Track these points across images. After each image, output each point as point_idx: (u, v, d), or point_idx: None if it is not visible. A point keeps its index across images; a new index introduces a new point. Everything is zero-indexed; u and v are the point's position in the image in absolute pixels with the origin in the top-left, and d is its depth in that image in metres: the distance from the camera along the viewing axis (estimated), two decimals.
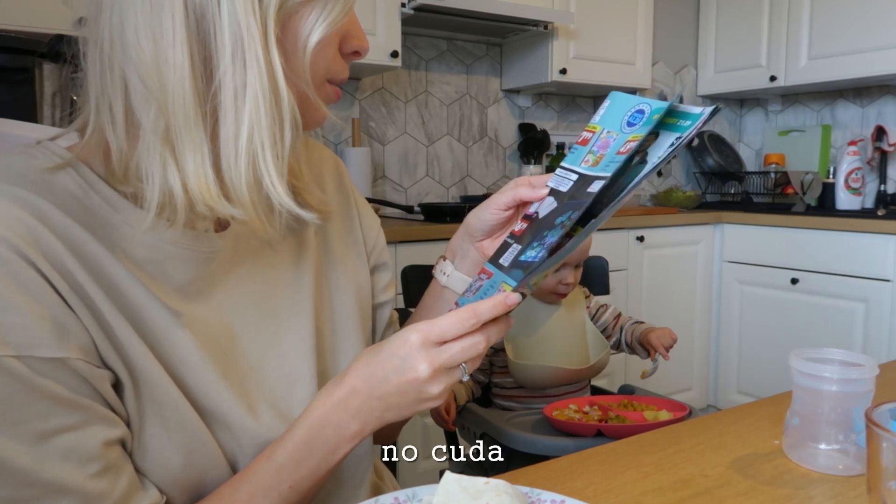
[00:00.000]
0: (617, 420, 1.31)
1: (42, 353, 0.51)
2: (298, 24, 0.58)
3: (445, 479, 0.57)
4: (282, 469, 0.62)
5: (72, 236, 0.56)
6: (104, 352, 0.56)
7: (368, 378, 0.61)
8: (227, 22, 0.54)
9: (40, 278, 0.52)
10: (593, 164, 0.64)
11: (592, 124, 0.66)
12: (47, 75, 1.60)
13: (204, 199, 0.56)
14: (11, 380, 0.50)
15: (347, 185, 0.84)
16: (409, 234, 2.15)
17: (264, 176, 0.57)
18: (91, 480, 0.55)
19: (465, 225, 0.77)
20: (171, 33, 0.53)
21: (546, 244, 0.62)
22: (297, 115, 0.58)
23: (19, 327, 0.51)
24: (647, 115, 0.62)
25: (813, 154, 3.16)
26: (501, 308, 0.60)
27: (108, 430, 0.56)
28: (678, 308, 2.91)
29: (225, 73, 0.54)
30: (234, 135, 0.55)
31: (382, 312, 0.85)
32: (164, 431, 0.59)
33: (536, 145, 3.02)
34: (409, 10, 2.40)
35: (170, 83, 0.53)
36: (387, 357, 0.60)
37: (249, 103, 0.55)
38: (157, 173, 0.55)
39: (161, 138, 0.54)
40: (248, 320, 0.68)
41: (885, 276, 2.42)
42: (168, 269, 0.62)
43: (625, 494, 0.66)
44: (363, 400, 0.61)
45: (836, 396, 0.70)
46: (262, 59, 0.55)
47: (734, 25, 3.21)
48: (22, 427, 0.51)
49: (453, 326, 0.58)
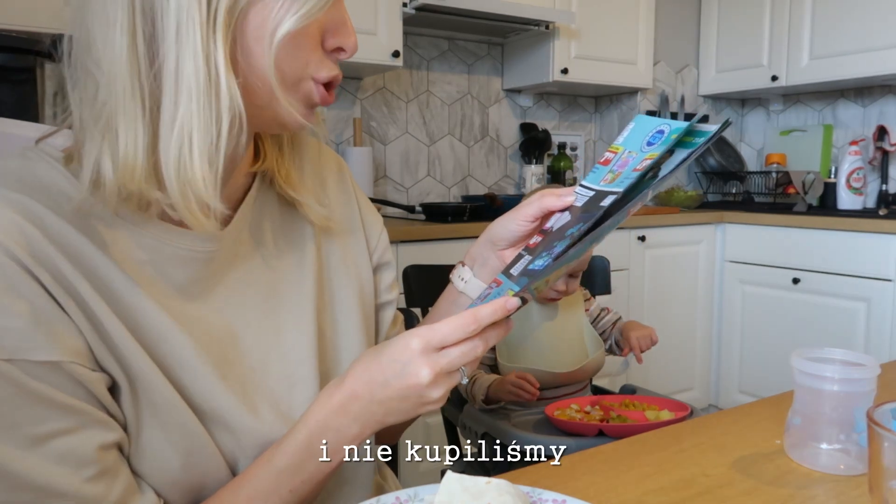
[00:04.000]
0: (618, 420, 1.31)
1: (36, 356, 0.51)
2: (264, 14, 0.56)
3: (447, 479, 0.57)
4: (282, 473, 0.61)
5: (67, 239, 0.55)
6: (100, 355, 0.56)
7: (368, 382, 0.60)
8: (173, 4, 0.53)
9: (33, 281, 0.52)
10: (610, 182, 0.65)
11: (615, 145, 0.67)
12: (48, 75, 1.61)
13: (126, 179, 0.55)
14: (5, 383, 0.50)
15: (350, 183, 0.83)
16: (410, 233, 2.15)
17: (189, 166, 0.55)
18: (86, 484, 0.54)
19: (488, 233, 0.76)
20: (114, 12, 0.53)
21: (553, 253, 0.62)
22: (237, 106, 0.57)
23: (12, 330, 0.50)
24: (666, 134, 0.63)
25: (814, 154, 3.15)
26: (501, 312, 0.59)
27: (104, 433, 0.56)
28: (680, 308, 2.91)
29: (167, 55, 0.54)
30: (171, 119, 0.55)
31: (386, 312, 0.85)
32: (163, 434, 0.59)
33: (538, 145, 3.02)
34: (411, 9, 2.40)
35: (109, 61, 0.53)
36: (387, 362, 0.59)
37: (184, 90, 0.54)
38: (94, 151, 0.55)
39: (103, 117, 0.54)
40: (250, 321, 0.67)
41: (887, 276, 2.42)
42: (168, 270, 0.62)
43: (626, 494, 0.66)
44: (363, 404, 0.61)
45: (837, 396, 0.70)
46: (199, 46, 0.54)
47: (736, 25, 3.20)
48: (16, 431, 0.51)
49: (454, 332, 0.58)
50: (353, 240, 0.80)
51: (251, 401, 0.65)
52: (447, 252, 2.23)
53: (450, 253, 2.23)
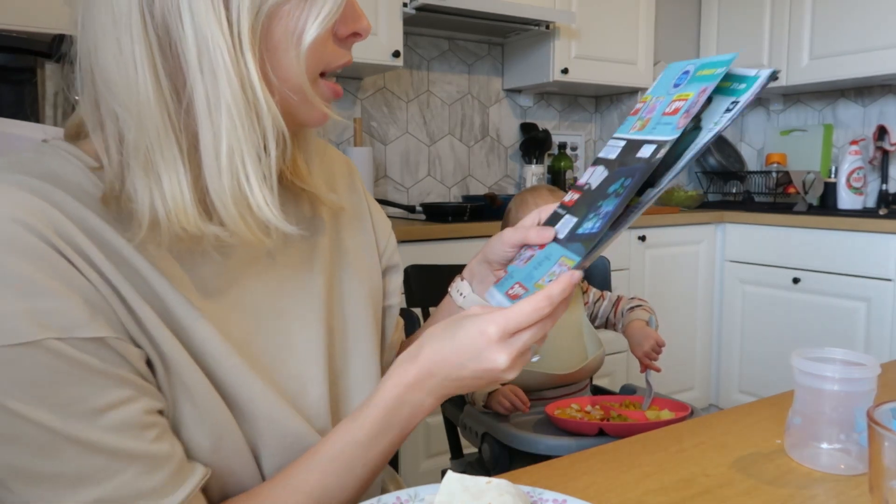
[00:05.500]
0: (619, 419, 1.31)
1: (82, 333, 0.52)
2: (287, 25, 0.56)
3: (447, 479, 0.57)
4: (359, 445, 0.63)
5: (89, 224, 0.55)
6: (134, 334, 0.56)
7: (443, 363, 0.62)
8: (190, 33, 0.52)
9: (67, 263, 0.52)
10: (640, 129, 0.63)
11: (645, 95, 0.66)
12: (49, 75, 1.61)
13: (180, 222, 0.55)
14: (58, 361, 0.51)
15: (359, 186, 0.83)
16: (410, 233, 2.15)
17: (248, 192, 0.56)
18: (154, 444, 0.55)
19: (484, 252, 0.78)
20: (130, 52, 0.52)
21: (602, 214, 0.61)
22: (280, 124, 0.57)
23: (57, 310, 0.51)
24: (692, 73, 0.61)
25: (815, 153, 3.15)
26: (570, 289, 0.61)
27: (154, 402, 0.57)
28: (680, 308, 2.91)
29: (194, 86, 0.53)
30: (215, 151, 0.54)
31: (391, 315, 0.85)
32: (195, 413, 0.60)
33: (538, 145, 3.02)
34: (411, 9, 2.40)
35: (136, 102, 0.53)
36: (463, 347, 0.61)
37: (224, 116, 0.54)
38: (145, 195, 0.55)
39: (142, 160, 0.54)
40: (262, 319, 0.67)
41: (887, 276, 2.42)
42: (187, 264, 0.62)
43: (627, 494, 0.66)
44: (438, 381, 0.62)
45: (837, 396, 0.70)
46: (231, 70, 0.53)
47: (736, 25, 3.20)
48: (79, 405, 0.52)
49: (529, 316, 0.59)
50: (363, 241, 0.80)
51: (270, 395, 0.65)
52: (447, 252, 2.23)
53: (450, 253, 2.23)
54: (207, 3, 0.52)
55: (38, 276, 0.50)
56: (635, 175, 0.60)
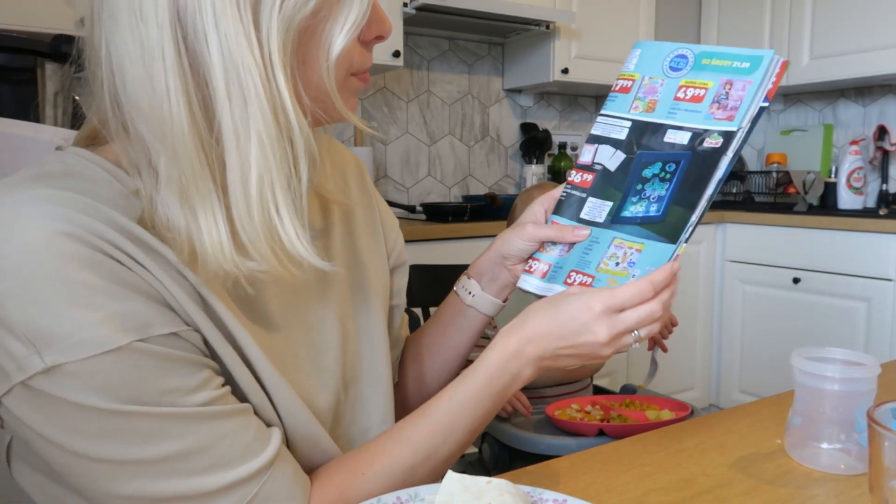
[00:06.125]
0: (619, 419, 1.31)
1: (159, 330, 0.52)
2: (316, 41, 0.55)
3: (447, 479, 0.57)
4: (462, 408, 0.65)
5: (128, 230, 0.54)
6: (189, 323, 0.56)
7: (546, 335, 0.64)
8: (217, 59, 0.50)
9: (123, 267, 0.52)
10: (646, 110, 0.63)
11: (628, 72, 0.65)
12: (49, 75, 1.60)
13: (217, 261, 0.53)
14: (145, 359, 0.51)
15: (369, 185, 0.83)
16: (411, 233, 2.15)
17: (279, 225, 0.54)
18: (238, 405, 0.57)
19: (496, 250, 0.78)
20: (163, 84, 0.50)
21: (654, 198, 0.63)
22: (312, 147, 0.56)
23: (130, 313, 0.51)
24: (692, 59, 0.61)
25: (815, 153, 3.15)
26: (672, 276, 0.65)
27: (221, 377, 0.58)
28: (680, 307, 2.90)
29: (223, 114, 0.51)
30: (242, 182, 0.53)
31: (397, 314, 0.85)
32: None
33: (538, 145, 3.02)
34: (411, 9, 2.40)
35: (170, 134, 0.51)
36: (566, 320, 0.63)
37: (254, 144, 0.52)
38: (182, 227, 0.53)
39: (178, 192, 0.53)
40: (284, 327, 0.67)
41: (887, 276, 2.42)
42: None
43: (627, 494, 0.66)
44: (538, 352, 0.65)
45: (838, 396, 0.70)
46: (262, 92, 0.51)
47: (736, 25, 3.20)
48: (170, 395, 0.52)
49: (633, 297, 0.63)
50: (373, 240, 0.80)
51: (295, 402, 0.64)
52: (448, 252, 2.23)
53: (450, 253, 2.23)
54: (238, 26, 0.50)
55: (103, 283, 0.50)
56: (675, 160, 0.62)
